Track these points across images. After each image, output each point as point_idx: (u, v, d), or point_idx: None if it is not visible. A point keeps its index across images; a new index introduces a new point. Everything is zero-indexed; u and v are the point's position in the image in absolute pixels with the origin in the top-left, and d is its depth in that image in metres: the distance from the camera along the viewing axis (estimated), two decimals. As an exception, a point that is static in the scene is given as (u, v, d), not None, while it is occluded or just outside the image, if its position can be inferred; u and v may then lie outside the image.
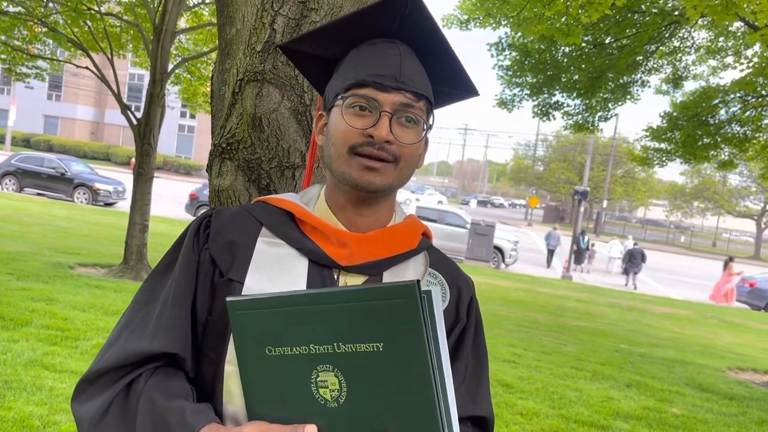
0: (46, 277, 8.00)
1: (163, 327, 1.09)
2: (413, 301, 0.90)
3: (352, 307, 0.93)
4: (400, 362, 0.92)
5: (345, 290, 0.97)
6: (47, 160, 22.26)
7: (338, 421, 0.95)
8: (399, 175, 1.12)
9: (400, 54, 1.11)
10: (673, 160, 11.51)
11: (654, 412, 6.02)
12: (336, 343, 0.93)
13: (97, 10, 10.23)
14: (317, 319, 0.94)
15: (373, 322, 0.92)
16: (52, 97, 47.67)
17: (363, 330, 0.92)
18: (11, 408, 4.06)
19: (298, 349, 0.95)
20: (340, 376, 0.94)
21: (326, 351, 0.94)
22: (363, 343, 0.92)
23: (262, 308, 0.97)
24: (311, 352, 0.95)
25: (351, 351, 0.93)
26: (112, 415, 1.04)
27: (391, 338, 0.92)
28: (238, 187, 1.54)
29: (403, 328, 0.91)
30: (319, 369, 0.95)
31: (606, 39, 10.24)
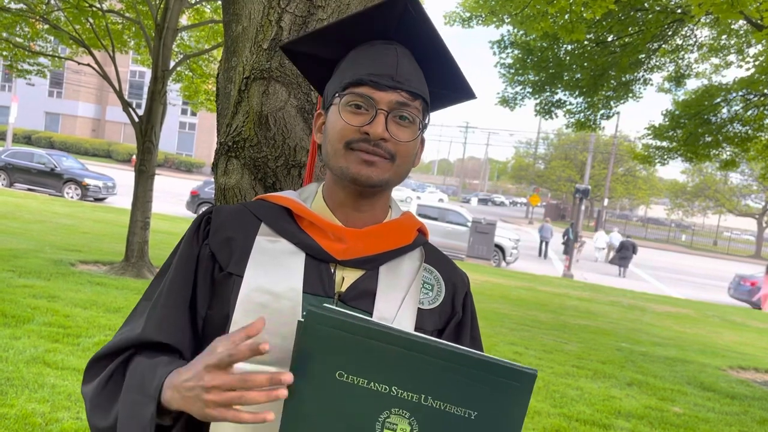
0: (47, 275, 8.00)
1: (154, 318, 1.13)
2: (528, 389, 0.91)
3: (458, 370, 0.90)
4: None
5: (456, 353, 0.92)
6: (37, 155, 22.24)
7: None
8: (395, 172, 1.14)
9: (397, 54, 1.14)
10: (674, 159, 11.49)
11: (655, 411, 6.01)
12: (424, 395, 0.91)
13: (98, 7, 10.22)
14: (410, 365, 0.91)
15: (476, 392, 0.90)
16: (53, 94, 47.67)
17: (460, 394, 0.91)
18: (13, 405, 4.06)
19: (377, 385, 0.91)
20: (415, 425, 0.92)
21: (408, 398, 0.91)
22: (456, 405, 0.91)
23: (348, 332, 0.92)
24: (390, 393, 0.91)
25: (438, 408, 0.91)
26: (110, 387, 1.10)
27: (488, 412, 0.91)
28: (244, 186, 1.53)
29: (505, 409, 0.91)
30: (393, 411, 0.92)
31: (608, 37, 10.21)
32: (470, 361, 0.91)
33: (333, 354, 0.92)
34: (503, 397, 0.90)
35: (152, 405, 1.00)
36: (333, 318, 0.92)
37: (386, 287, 1.15)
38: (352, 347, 0.91)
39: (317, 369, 0.93)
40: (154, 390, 1.01)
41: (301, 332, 0.93)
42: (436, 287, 1.22)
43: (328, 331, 0.92)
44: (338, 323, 0.92)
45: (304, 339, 0.93)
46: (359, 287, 1.15)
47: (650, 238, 50.76)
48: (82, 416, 4.06)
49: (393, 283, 1.17)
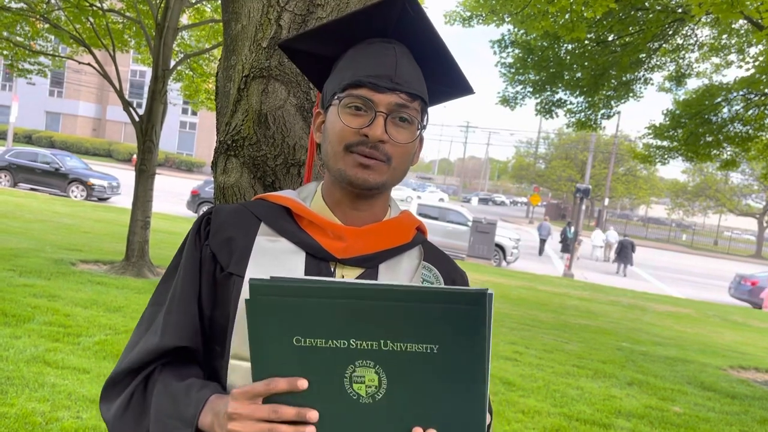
0: (48, 274, 8.00)
1: (171, 323, 1.13)
2: (482, 309, 0.89)
3: (410, 307, 0.89)
4: (454, 366, 0.90)
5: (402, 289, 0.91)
6: (41, 155, 22.17)
7: (370, 417, 0.92)
8: (392, 174, 1.15)
9: (396, 55, 1.14)
10: (675, 158, 11.49)
11: (656, 411, 6.01)
12: (383, 341, 0.90)
13: (99, 7, 10.23)
14: (364, 314, 0.90)
15: (432, 325, 0.89)
16: (53, 93, 47.69)
17: (418, 330, 0.89)
18: (13, 404, 4.06)
19: (335, 342, 0.91)
20: (382, 373, 0.91)
21: (369, 347, 0.90)
22: (416, 343, 0.90)
23: (295, 296, 0.91)
24: (351, 347, 0.90)
25: (400, 350, 0.90)
26: (133, 406, 1.10)
27: (449, 342, 0.90)
28: (244, 185, 1.53)
29: (465, 334, 0.89)
30: (357, 364, 0.91)
31: (609, 36, 10.21)
32: (419, 295, 0.89)
33: (285, 322, 0.91)
34: (461, 324, 0.89)
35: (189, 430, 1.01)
36: (274, 286, 0.91)
37: None
38: (302, 311, 0.90)
39: (274, 341, 0.92)
40: (191, 415, 1.01)
41: (249, 308, 0.92)
42: (435, 285, 1.22)
43: (274, 301, 0.91)
44: (281, 290, 0.91)
45: (254, 314, 0.92)
46: None
47: (651, 238, 50.75)
48: (82, 415, 4.06)
49: (392, 281, 1.17)
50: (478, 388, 0.91)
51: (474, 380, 0.91)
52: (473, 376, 0.91)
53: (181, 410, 1.03)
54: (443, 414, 0.92)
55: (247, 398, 0.94)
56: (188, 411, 1.02)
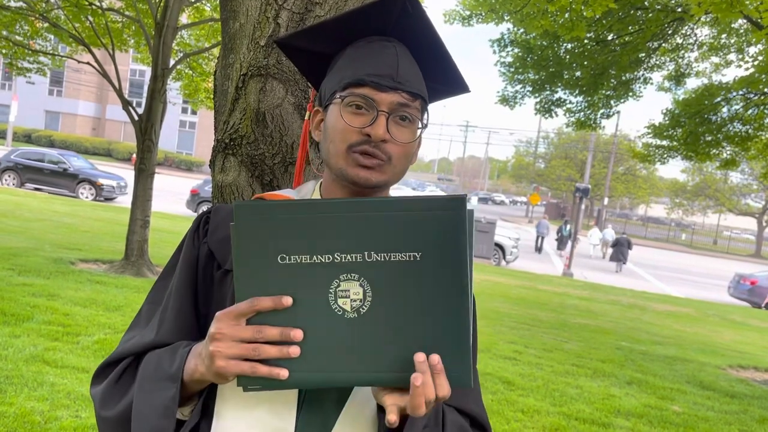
0: (47, 273, 8.00)
1: (167, 320, 1.15)
2: (461, 213, 0.89)
3: (391, 216, 0.90)
4: (438, 274, 0.91)
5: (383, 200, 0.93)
6: (48, 155, 22.07)
7: (355, 332, 0.92)
8: (393, 172, 1.15)
9: (397, 53, 1.14)
10: (674, 157, 11.48)
11: (655, 410, 6.01)
12: (366, 252, 0.90)
13: (98, 6, 10.22)
14: (346, 227, 0.91)
15: (413, 232, 0.90)
16: (53, 92, 47.67)
17: (400, 239, 0.90)
18: (12, 403, 4.06)
19: (319, 257, 0.91)
20: (366, 285, 0.91)
21: (353, 260, 0.91)
22: (399, 252, 0.90)
23: (279, 214, 0.92)
24: (335, 261, 0.91)
25: (383, 260, 0.91)
26: (123, 379, 1.12)
27: (431, 249, 0.90)
28: (242, 183, 1.53)
29: (447, 240, 0.90)
30: (341, 278, 0.91)
31: (608, 36, 10.20)
32: (399, 204, 0.91)
33: (270, 240, 0.92)
34: (441, 229, 0.90)
35: (173, 386, 1.01)
36: (259, 206, 0.93)
37: None
38: (286, 228, 0.92)
39: (258, 260, 0.93)
40: (176, 369, 1.02)
41: (234, 229, 0.93)
42: None
43: (259, 221, 0.92)
44: (265, 209, 0.92)
45: (237, 234, 0.93)
46: None
47: (650, 237, 50.76)
48: (81, 414, 4.06)
49: None
50: (462, 295, 0.91)
51: (458, 287, 0.91)
52: (457, 282, 0.91)
53: (164, 369, 1.04)
54: (429, 324, 0.92)
55: (231, 318, 0.93)
56: (171, 367, 1.02)
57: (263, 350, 0.92)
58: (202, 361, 0.98)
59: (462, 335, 0.92)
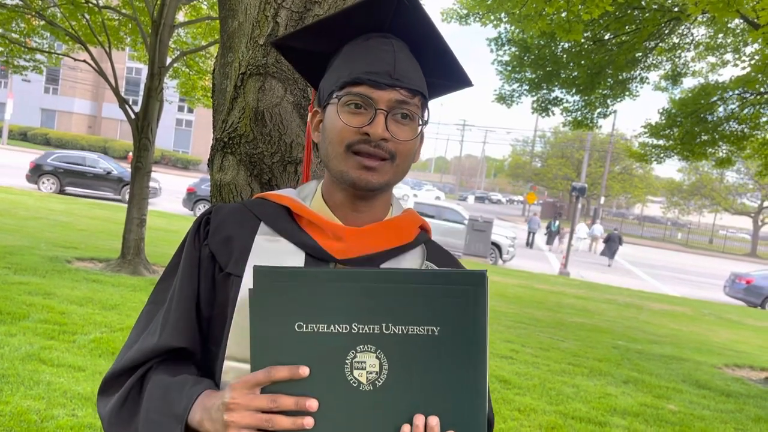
0: (43, 271, 7.98)
1: (170, 323, 1.12)
2: (481, 289, 0.90)
3: (410, 289, 0.90)
4: (455, 350, 0.90)
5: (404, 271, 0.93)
6: (89, 159, 21.54)
7: (369, 405, 0.91)
8: (395, 172, 1.13)
9: (394, 50, 1.12)
10: (670, 157, 11.51)
11: (651, 409, 6.03)
12: (384, 324, 0.90)
13: (95, 3, 10.18)
14: (365, 298, 0.90)
15: (432, 307, 0.89)
16: (49, 90, 47.52)
17: (419, 313, 0.90)
18: (9, 402, 4.05)
19: (337, 327, 0.90)
20: (383, 358, 0.91)
21: (371, 331, 0.90)
22: (417, 325, 0.90)
23: (298, 280, 0.92)
24: (352, 331, 0.90)
25: (401, 333, 0.90)
26: (128, 405, 1.08)
27: (450, 323, 0.90)
28: (240, 182, 1.53)
29: (466, 315, 0.90)
30: (358, 349, 0.91)
31: (605, 35, 10.22)
32: (419, 277, 0.91)
33: (288, 307, 0.91)
34: (461, 305, 0.90)
35: (178, 427, 0.98)
36: (278, 271, 0.92)
37: None
38: (305, 295, 0.91)
39: (275, 327, 0.92)
40: (182, 410, 0.99)
41: (252, 294, 0.92)
42: None
43: (279, 286, 0.91)
44: (284, 275, 0.92)
45: (257, 300, 0.92)
46: None
47: (646, 236, 50.85)
48: (77, 413, 4.05)
49: None
50: (478, 372, 0.91)
51: (474, 363, 0.91)
52: (473, 358, 0.91)
53: (172, 406, 1.01)
54: (444, 400, 0.92)
55: (246, 387, 0.93)
56: (179, 406, 1.00)
57: (277, 421, 0.91)
58: (212, 423, 0.95)
59: (477, 412, 0.92)
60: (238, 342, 1.06)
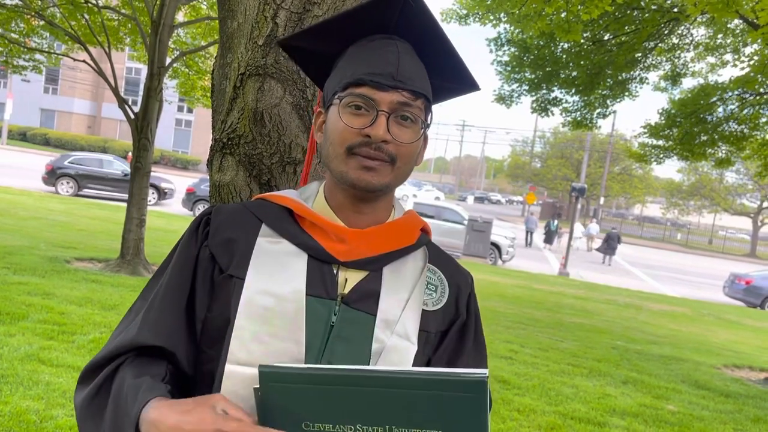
0: (42, 272, 7.98)
1: (150, 320, 1.11)
2: (482, 396, 0.91)
3: (414, 394, 0.91)
4: None
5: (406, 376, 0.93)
6: (106, 161, 21.82)
7: None
8: (396, 174, 1.12)
9: (398, 51, 1.11)
10: (670, 157, 11.52)
11: (650, 409, 6.03)
12: (389, 426, 0.92)
13: (94, 4, 10.18)
14: (369, 400, 0.92)
15: (435, 411, 0.91)
16: (48, 90, 47.52)
17: (421, 416, 0.91)
18: (8, 402, 4.05)
19: (342, 427, 0.92)
20: None
21: None
22: (419, 428, 0.92)
23: (304, 383, 0.93)
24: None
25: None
26: (98, 398, 1.07)
27: (452, 427, 0.92)
28: (239, 183, 1.53)
29: (467, 420, 0.91)
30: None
31: (605, 36, 10.23)
32: (421, 382, 0.91)
33: (295, 407, 0.93)
34: (461, 408, 0.91)
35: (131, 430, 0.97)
36: (285, 373, 0.94)
37: (390, 288, 1.13)
38: (311, 396, 0.93)
39: (283, 425, 0.93)
40: (133, 417, 0.97)
41: (260, 393, 0.94)
42: (440, 288, 1.20)
43: (285, 387, 0.93)
44: (290, 377, 0.93)
45: (264, 399, 0.94)
46: (363, 289, 1.12)
47: (646, 237, 50.87)
48: (76, 413, 4.05)
49: (397, 284, 1.14)
50: None
51: None
52: None
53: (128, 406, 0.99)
54: None
55: None
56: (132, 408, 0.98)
57: None
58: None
59: None
60: (241, 345, 1.05)
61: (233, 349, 1.06)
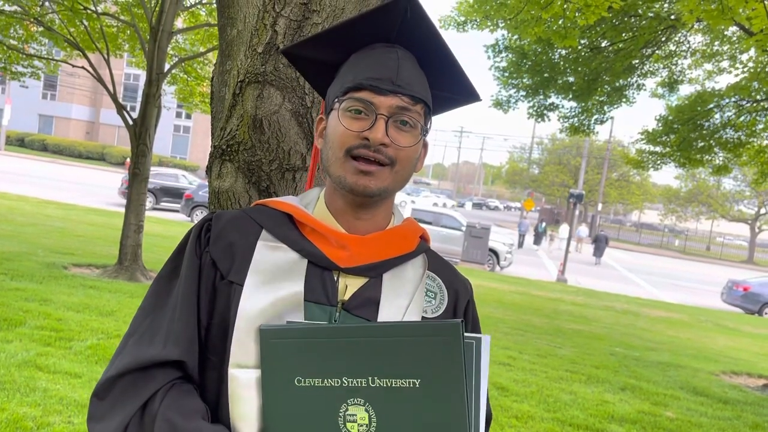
0: (40, 278, 7.96)
1: (174, 333, 1.10)
2: (456, 340, 0.91)
3: (391, 342, 0.94)
4: (435, 401, 0.93)
5: (385, 325, 0.98)
6: (181, 176, 22.49)
7: None
8: (395, 179, 1.13)
9: (398, 58, 1.12)
10: (667, 164, 11.54)
11: (648, 416, 6.03)
12: (370, 377, 0.94)
13: (93, 10, 10.20)
14: (353, 353, 0.95)
15: (412, 359, 0.93)
16: (47, 96, 47.53)
17: (400, 365, 0.93)
18: (5, 409, 4.03)
19: (329, 381, 0.95)
20: (371, 410, 0.94)
21: (359, 385, 0.94)
22: (399, 378, 0.93)
23: (296, 338, 0.98)
24: (343, 385, 0.95)
25: (386, 386, 0.94)
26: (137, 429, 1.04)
27: (429, 376, 0.93)
28: (238, 189, 1.53)
29: (443, 367, 0.92)
30: (349, 403, 0.95)
31: (602, 42, 10.27)
32: (397, 330, 0.95)
33: (289, 363, 0.97)
34: (437, 356, 0.92)
35: None
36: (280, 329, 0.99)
37: (390, 295, 1.14)
38: (303, 351, 0.97)
39: (278, 382, 0.98)
40: None
41: (260, 353, 1.00)
42: (439, 295, 1.20)
43: (280, 343, 0.98)
44: (287, 333, 0.99)
45: (263, 357, 0.99)
46: (363, 295, 1.13)
47: (644, 243, 50.90)
48: (73, 420, 4.04)
49: (397, 290, 1.15)
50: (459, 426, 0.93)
51: (455, 417, 0.93)
52: (455, 412, 0.93)
53: None
54: None
55: None
56: None
57: None
58: None
59: None
60: (242, 349, 1.05)
61: (234, 353, 1.06)
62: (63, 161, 39.27)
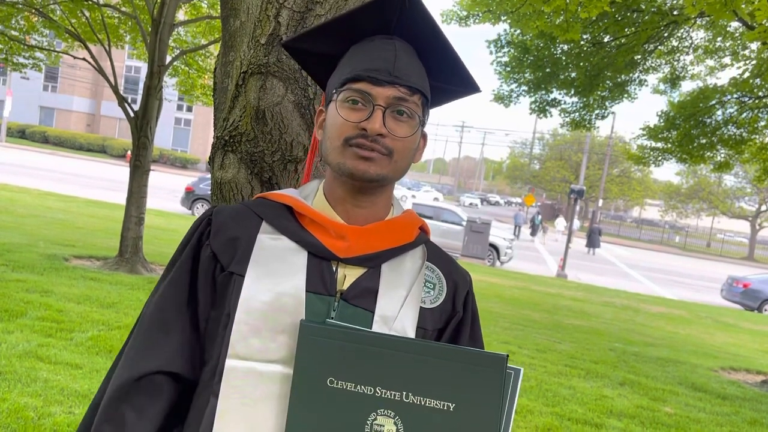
0: (41, 269, 7.97)
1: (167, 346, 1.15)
2: (499, 373, 0.92)
3: (433, 362, 0.93)
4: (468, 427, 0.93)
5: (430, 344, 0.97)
6: None
7: None
8: (394, 168, 1.14)
9: (396, 49, 1.13)
10: (668, 160, 11.53)
11: (647, 411, 6.04)
12: (405, 392, 0.94)
13: (95, 1, 10.17)
14: (391, 364, 0.94)
15: (451, 382, 0.93)
16: (48, 88, 47.47)
17: (437, 386, 0.93)
18: (6, 399, 4.05)
19: (362, 387, 0.95)
20: (400, 424, 0.94)
21: (392, 397, 0.94)
22: (434, 399, 0.93)
23: (336, 339, 0.98)
24: (376, 394, 0.95)
25: (419, 403, 0.93)
26: None
27: (465, 402, 0.93)
28: (241, 180, 1.54)
29: (481, 397, 0.92)
30: (378, 413, 0.95)
31: (604, 37, 10.24)
32: (441, 352, 0.95)
33: (324, 362, 0.97)
34: (476, 385, 0.92)
35: None
36: (321, 328, 0.99)
37: (388, 285, 1.14)
38: (342, 353, 0.96)
39: (310, 379, 0.98)
40: None
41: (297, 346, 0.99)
42: (437, 286, 1.21)
43: (319, 341, 0.98)
44: (328, 332, 0.98)
45: (299, 351, 0.99)
46: (361, 285, 1.14)
47: (644, 239, 50.91)
48: (74, 410, 4.06)
49: (395, 281, 1.15)
50: None
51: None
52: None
53: None
54: None
55: None
56: None
57: None
58: None
59: None
60: (241, 341, 1.06)
61: (233, 344, 1.07)
62: (64, 153, 39.25)
